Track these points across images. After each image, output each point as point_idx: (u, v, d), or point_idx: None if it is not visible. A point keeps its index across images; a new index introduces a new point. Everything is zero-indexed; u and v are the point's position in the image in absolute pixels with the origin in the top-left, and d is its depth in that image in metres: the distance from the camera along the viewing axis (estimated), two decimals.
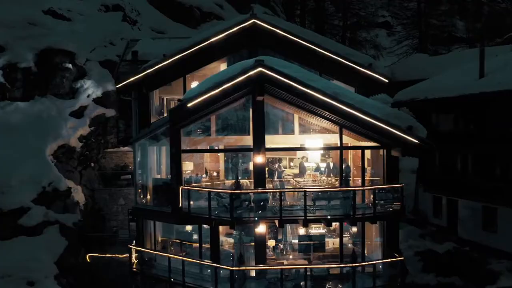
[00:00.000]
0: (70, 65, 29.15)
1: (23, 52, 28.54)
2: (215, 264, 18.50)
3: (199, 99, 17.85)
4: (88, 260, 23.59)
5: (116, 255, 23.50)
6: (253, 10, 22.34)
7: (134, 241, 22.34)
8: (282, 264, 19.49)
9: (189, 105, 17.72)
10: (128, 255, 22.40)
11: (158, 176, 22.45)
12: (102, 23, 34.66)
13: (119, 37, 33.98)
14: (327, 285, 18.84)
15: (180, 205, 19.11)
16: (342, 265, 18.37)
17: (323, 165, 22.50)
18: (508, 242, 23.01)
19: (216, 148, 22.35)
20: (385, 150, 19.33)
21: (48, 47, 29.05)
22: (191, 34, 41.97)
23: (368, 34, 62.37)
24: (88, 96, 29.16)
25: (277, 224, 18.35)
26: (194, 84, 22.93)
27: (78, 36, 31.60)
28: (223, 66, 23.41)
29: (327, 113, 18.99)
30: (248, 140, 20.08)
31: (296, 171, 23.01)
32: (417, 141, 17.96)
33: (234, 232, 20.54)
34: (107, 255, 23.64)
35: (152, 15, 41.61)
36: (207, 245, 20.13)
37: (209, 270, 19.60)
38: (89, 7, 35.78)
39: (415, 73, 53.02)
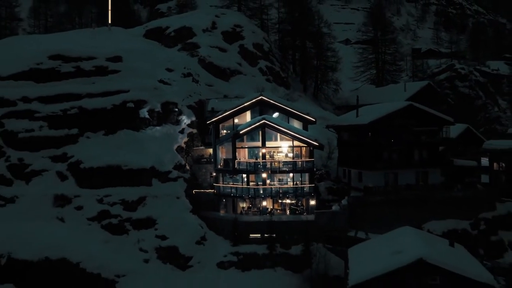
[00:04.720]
0: (176, 109, 62.87)
1: (155, 103, 62.04)
2: (249, 186, 53.10)
3: (243, 130, 52.58)
4: (194, 193, 57.55)
5: (206, 190, 57.79)
6: (262, 91, 56.96)
7: (214, 184, 56.81)
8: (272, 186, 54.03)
9: (240, 132, 52.35)
10: (211, 190, 57.06)
11: (224, 157, 56.86)
12: (184, 84, 68.60)
13: (192, 92, 67.96)
14: (287, 195, 53.30)
15: (235, 166, 53.69)
16: (292, 186, 52.90)
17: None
18: (363, 184, 57.06)
19: (245, 146, 56.60)
20: (309, 148, 53.78)
21: (165, 101, 62.79)
22: (226, 85, 77.02)
23: (333, 74, 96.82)
24: (184, 123, 62.89)
25: (269, 172, 52.86)
26: (236, 120, 57.30)
27: (176, 93, 65.46)
28: (248, 113, 57.64)
29: (287, 135, 53.78)
30: (259, 144, 54.53)
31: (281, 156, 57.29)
32: (318, 144, 52.55)
33: (254, 179, 54.79)
34: (202, 190, 57.87)
35: (205, 75, 76.09)
36: (245, 184, 54.41)
37: (245, 192, 53.92)
38: (176, 76, 69.52)
39: (361, 100, 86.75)
